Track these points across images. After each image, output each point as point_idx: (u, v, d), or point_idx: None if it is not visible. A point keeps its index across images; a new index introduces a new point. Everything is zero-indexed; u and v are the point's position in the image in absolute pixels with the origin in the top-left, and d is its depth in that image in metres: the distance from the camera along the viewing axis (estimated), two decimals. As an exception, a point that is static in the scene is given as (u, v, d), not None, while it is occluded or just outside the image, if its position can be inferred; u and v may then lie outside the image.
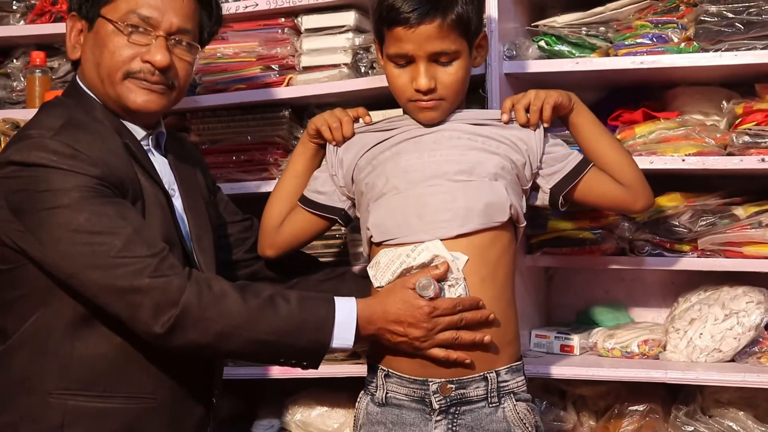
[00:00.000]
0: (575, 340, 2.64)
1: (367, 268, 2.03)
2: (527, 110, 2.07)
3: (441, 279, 1.92)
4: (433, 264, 1.93)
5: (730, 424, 2.48)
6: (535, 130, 2.07)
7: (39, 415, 1.88)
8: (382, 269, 1.98)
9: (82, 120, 1.93)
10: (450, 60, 1.99)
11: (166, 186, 2.04)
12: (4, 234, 1.86)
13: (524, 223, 2.09)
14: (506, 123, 2.07)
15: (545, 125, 2.08)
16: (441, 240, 1.95)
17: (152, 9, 1.96)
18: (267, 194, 2.28)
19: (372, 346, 2.06)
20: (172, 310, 1.80)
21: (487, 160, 2.02)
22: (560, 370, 2.53)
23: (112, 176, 1.87)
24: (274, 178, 2.70)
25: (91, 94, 2.01)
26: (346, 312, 1.91)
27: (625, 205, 2.19)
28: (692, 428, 2.49)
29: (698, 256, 2.54)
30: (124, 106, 1.99)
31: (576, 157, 2.11)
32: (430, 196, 1.99)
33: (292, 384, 2.81)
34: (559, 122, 2.15)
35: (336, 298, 1.93)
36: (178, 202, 2.07)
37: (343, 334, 1.90)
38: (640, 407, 2.58)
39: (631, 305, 2.87)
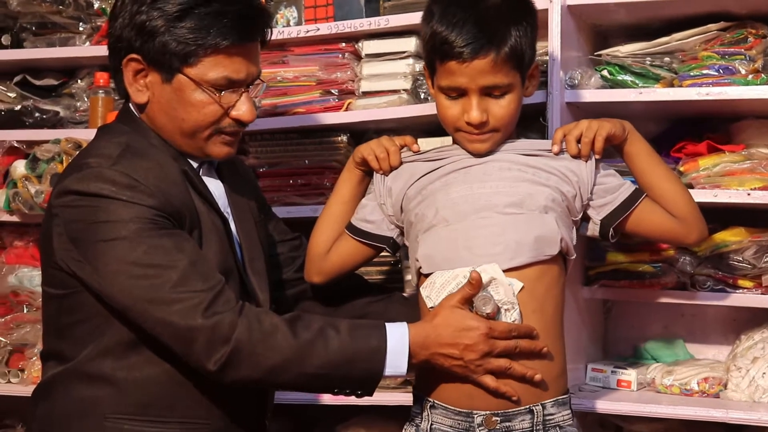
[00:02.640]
0: (632, 375, 2.60)
1: (421, 288, 2.00)
2: (579, 141, 2.03)
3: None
4: (490, 287, 1.89)
5: (795, 468, 2.41)
6: (586, 161, 2.04)
7: None
8: (437, 290, 1.94)
9: (139, 147, 1.94)
10: (502, 93, 1.96)
11: (222, 209, 2.04)
12: (62, 261, 1.86)
13: (574, 256, 2.04)
14: (557, 154, 2.04)
15: (597, 157, 2.04)
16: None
17: (238, 71, 1.95)
18: (324, 217, 2.27)
19: (418, 376, 2.05)
20: (224, 347, 1.79)
21: (537, 193, 1.99)
22: (616, 406, 2.50)
23: (169, 206, 1.87)
24: (331, 203, 2.70)
25: (149, 126, 2.01)
26: (398, 338, 1.88)
27: (679, 238, 2.14)
28: (754, 470, 2.44)
29: (762, 293, 2.51)
30: (205, 156, 2.01)
31: (628, 189, 2.06)
32: (480, 228, 1.96)
33: (343, 410, 2.78)
34: (614, 151, 2.10)
35: (387, 324, 1.90)
36: (232, 225, 2.07)
37: (396, 362, 1.87)
38: (701, 446, 2.52)
39: (691, 341, 2.82)
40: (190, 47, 1.89)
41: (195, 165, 2.01)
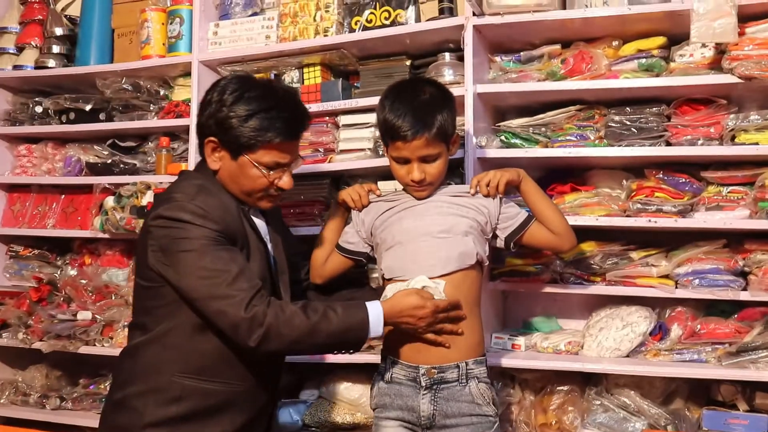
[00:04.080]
0: (521, 340, 2.63)
1: (380, 300, 2.02)
2: (488, 185, 2.09)
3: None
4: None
5: (625, 399, 2.48)
6: (493, 199, 2.10)
7: (164, 388, 1.91)
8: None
9: (211, 189, 1.95)
10: (434, 159, 2.02)
11: (264, 237, 2.06)
12: (153, 263, 1.90)
13: (487, 263, 2.12)
14: (473, 195, 2.10)
15: (501, 195, 2.11)
16: (429, 277, 1.99)
17: (283, 157, 1.97)
18: (314, 235, 2.30)
19: (384, 343, 2.08)
20: (259, 330, 1.82)
21: (460, 222, 2.05)
22: (511, 362, 2.53)
23: (228, 231, 1.90)
24: (318, 225, 2.72)
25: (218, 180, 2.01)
26: (376, 313, 1.92)
27: (557, 248, 2.21)
28: (599, 402, 2.50)
29: (606, 284, 2.56)
30: (255, 206, 2.03)
31: (522, 215, 2.13)
32: (422, 248, 2.02)
33: (327, 366, 2.84)
34: (514, 189, 2.19)
35: (367, 303, 1.93)
36: (270, 247, 2.08)
37: (375, 328, 1.92)
38: (565, 387, 2.58)
39: (560, 317, 2.85)
40: (252, 141, 1.92)
41: (247, 208, 2.03)
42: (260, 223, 2.07)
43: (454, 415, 1.97)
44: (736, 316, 2.47)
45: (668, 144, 2.50)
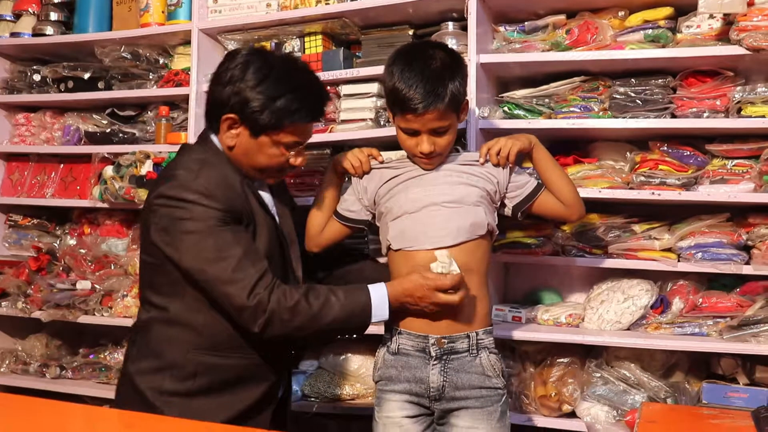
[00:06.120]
0: (522, 312, 2.64)
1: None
2: (498, 153, 2.04)
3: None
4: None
5: (625, 372, 2.49)
6: (503, 168, 2.05)
7: (180, 364, 1.91)
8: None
9: (215, 163, 1.92)
10: (445, 131, 1.96)
11: (271, 210, 2.03)
12: (156, 241, 1.88)
13: (498, 232, 2.08)
14: (482, 164, 2.05)
15: (510, 165, 2.06)
16: (440, 248, 1.94)
17: (305, 137, 1.97)
18: (314, 205, 2.28)
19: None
20: (262, 317, 1.83)
21: (470, 192, 2.00)
22: (512, 333, 2.53)
23: (233, 209, 1.87)
24: (318, 195, 2.73)
25: (222, 150, 1.97)
26: (379, 296, 1.91)
27: (566, 217, 2.14)
28: (599, 374, 2.50)
29: (608, 257, 2.56)
30: (263, 181, 2.02)
31: (531, 184, 2.08)
32: (431, 218, 1.97)
33: None
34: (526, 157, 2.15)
35: (370, 286, 1.92)
36: (278, 220, 2.06)
37: (380, 312, 1.91)
38: (565, 360, 2.58)
39: (562, 290, 2.85)
40: (278, 122, 1.89)
41: (253, 182, 2.01)
42: (266, 196, 2.04)
43: (464, 386, 1.94)
44: (738, 290, 2.48)
45: (673, 116, 2.48)
